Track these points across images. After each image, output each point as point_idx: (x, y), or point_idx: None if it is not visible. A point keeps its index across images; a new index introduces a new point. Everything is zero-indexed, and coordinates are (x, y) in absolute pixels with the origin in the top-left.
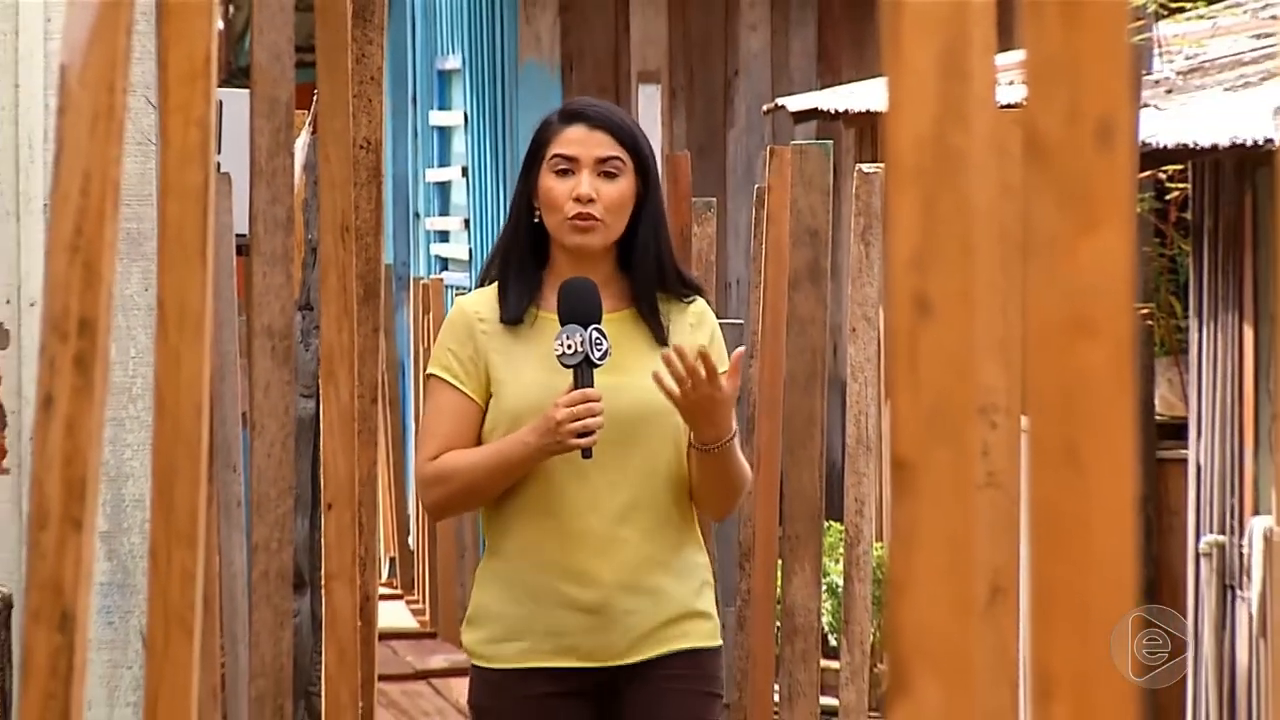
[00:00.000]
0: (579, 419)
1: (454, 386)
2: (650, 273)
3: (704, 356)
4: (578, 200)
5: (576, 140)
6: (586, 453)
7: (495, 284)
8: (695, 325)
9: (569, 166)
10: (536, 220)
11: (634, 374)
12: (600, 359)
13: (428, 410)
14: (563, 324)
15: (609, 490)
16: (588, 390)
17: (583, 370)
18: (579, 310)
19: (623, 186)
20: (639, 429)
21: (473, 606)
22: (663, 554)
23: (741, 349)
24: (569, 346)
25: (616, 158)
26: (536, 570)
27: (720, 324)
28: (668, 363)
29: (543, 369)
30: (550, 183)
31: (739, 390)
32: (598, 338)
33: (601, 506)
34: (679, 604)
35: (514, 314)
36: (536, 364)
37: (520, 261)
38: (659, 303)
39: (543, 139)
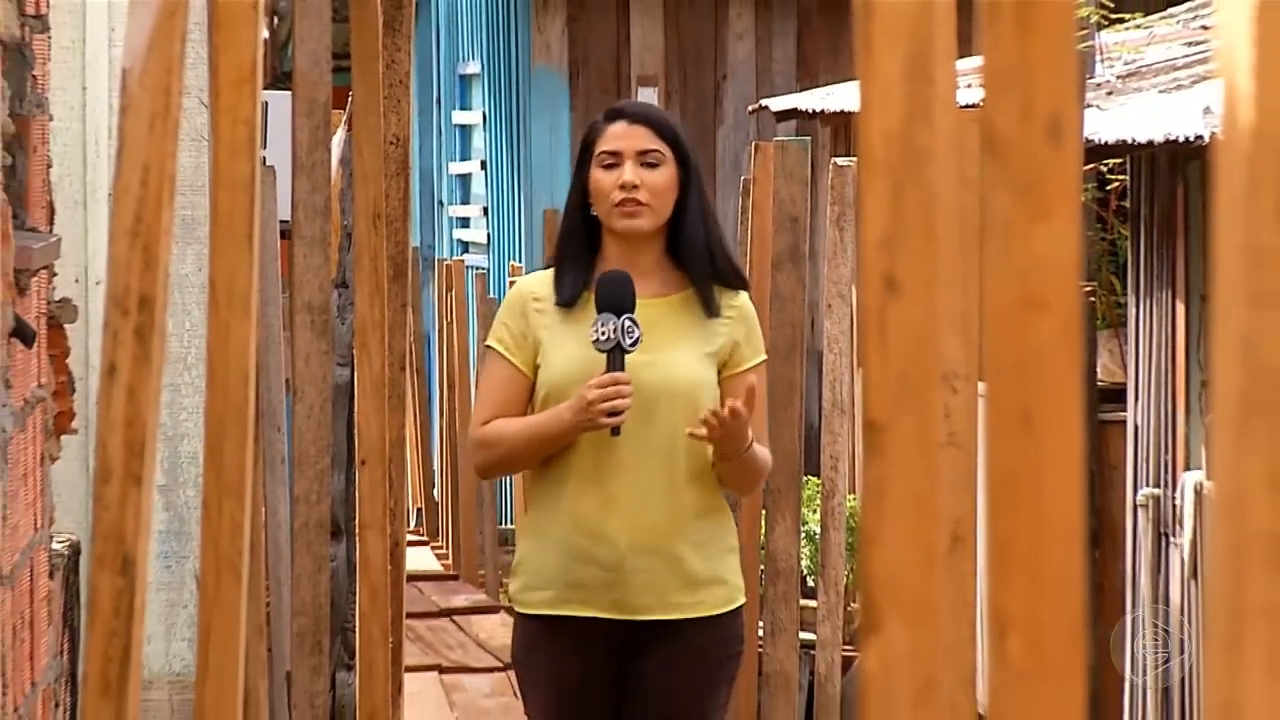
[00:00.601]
0: (609, 400)
1: (506, 358)
2: (702, 258)
3: (729, 411)
4: (623, 188)
5: (619, 135)
6: (615, 430)
7: (553, 265)
8: (734, 319)
9: (614, 160)
10: (591, 212)
11: (664, 353)
12: (631, 345)
13: (483, 378)
14: (599, 312)
15: (636, 459)
16: (618, 374)
17: (615, 355)
18: (614, 300)
19: (665, 175)
20: (668, 404)
21: (516, 557)
22: (683, 521)
23: (752, 379)
24: (603, 333)
25: (656, 150)
26: (566, 527)
27: None
28: (706, 424)
29: (585, 346)
30: (599, 175)
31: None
32: (630, 326)
33: (628, 473)
34: (696, 571)
35: (568, 297)
36: (580, 342)
37: (575, 250)
38: (712, 288)
39: (591, 139)
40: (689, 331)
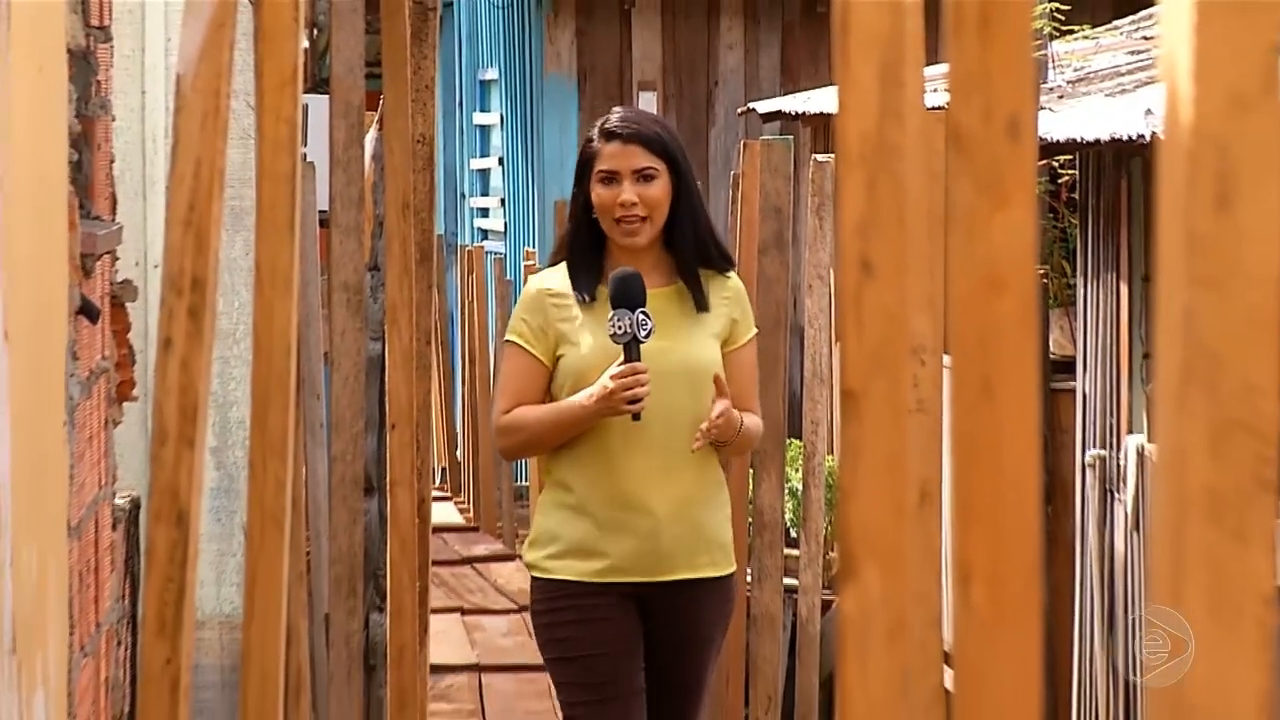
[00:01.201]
0: (629, 389)
1: (526, 350)
2: (690, 252)
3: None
4: (623, 205)
5: (615, 155)
6: (636, 416)
7: (564, 264)
8: (729, 300)
9: (612, 177)
10: (593, 216)
11: (678, 339)
12: (645, 337)
13: (503, 371)
14: (614, 308)
15: (662, 435)
16: (636, 364)
17: (631, 346)
18: (627, 297)
19: (659, 187)
20: (684, 384)
21: (536, 531)
22: (703, 490)
23: (718, 414)
24: (619, 327)
25: (650, 166)
26: (603, 502)
27: None
28: (705, 433)
29: (603, 338)
30: (600, 190)
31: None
32: (643, 319)
33: (659, 449)
34: (711, 536)
35: (586, 293)
36: (598, 334)
37: (584, 252)
38: (701, 277)
39: (589, 155)
40: (695, 316)
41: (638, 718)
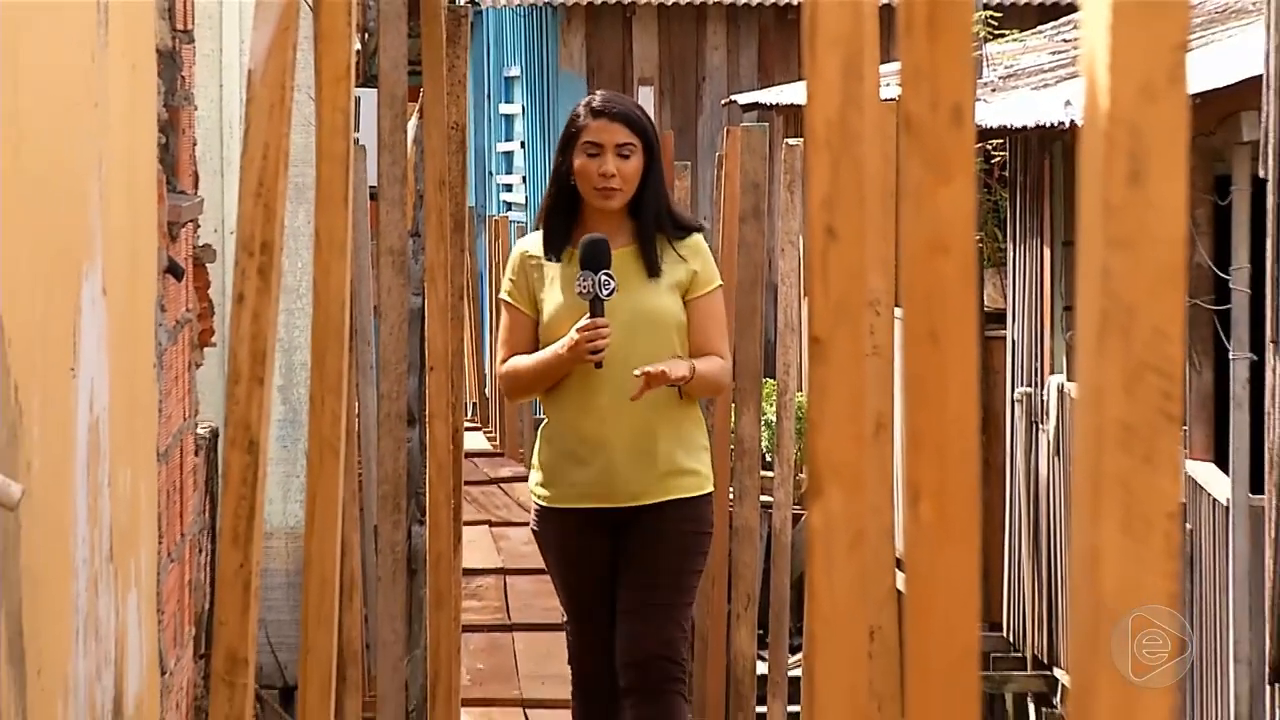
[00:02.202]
0: (591, 341)
1: (514, 306)
2: (649, 221)
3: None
4: (603, 176)
5: (601, 130)
6: (598, 364)
7: (541, 229)
8: (689, 255)
9: (596, 150)
10: (571, 184)
11: (634, 294)
12: (607, 295)
13: (500, 326)
14: (581, 269)
15: (619, 379)
16: (597, 320)
17: (595, 304)
18: (593, 260)
19: (635, 163)
20: (640, 332)
21: (534, 458)
22: (661, 425)
23: (651, 369)
24: (584, 287)
25: (630, 143)
26: (568, 437)
27: None
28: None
29: (570, 293)
30: (584, 161)
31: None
32: (605, 279)
33: (616, 393)
34: (672, 463)
35: (556, 253)
36: (566, 289)
37: (560, 216)
38: (658, 240)
39: (576, 127)
40: (646, 269)
41: (601, 627)
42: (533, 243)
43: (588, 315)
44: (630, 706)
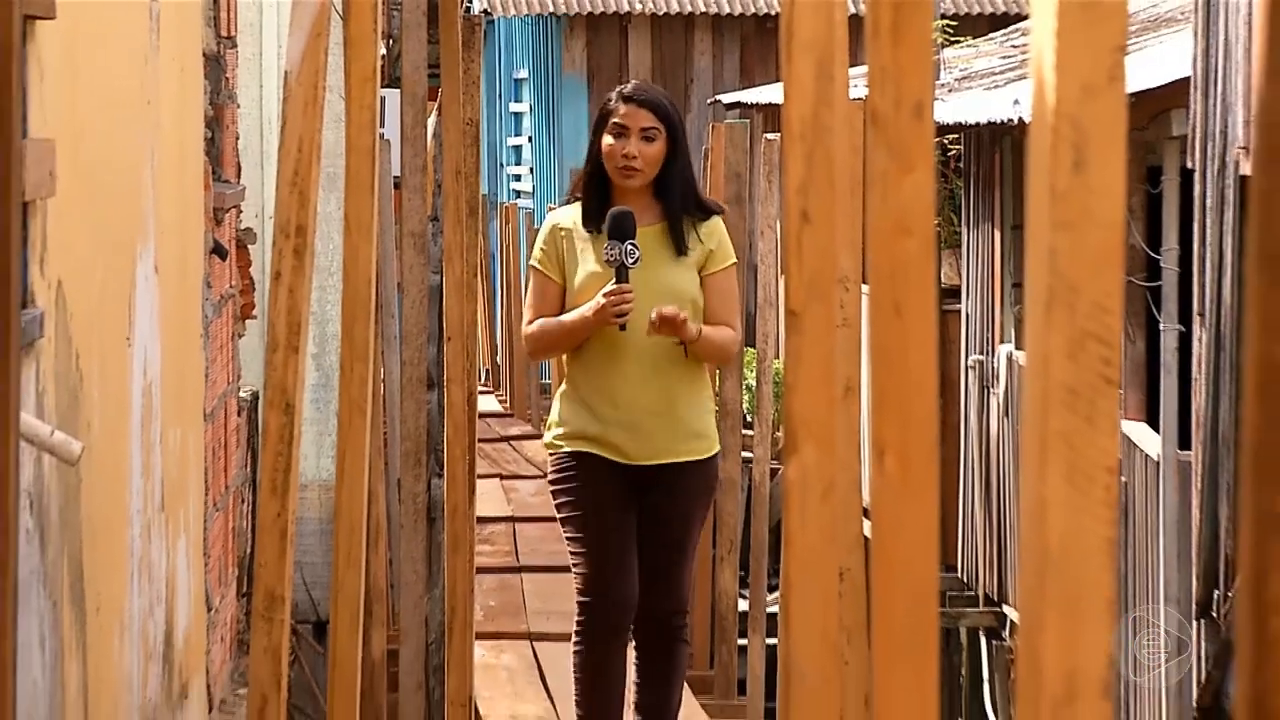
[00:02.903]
0: (616, 305)
1: (544, 273)
2: (676, 201)
3: (660, 315)
4: (626, 156)
5: (629, 114)
6: (622, 327)
7: (577, 203)
8: (705, 236)
9: (622, 132)
10: (603, 164)
11: (659, 269)
12: (632, 264)
13: (530, 290)
14: (609, 239)
15: (644, 346)
16: (623, 285)
17: (621, 271)
18: (620, 231)
19: (657, 147)
20: (663, 303)
21: (552, 417)
22: (680, 390)
23: (667, 309)
24: (612, 255)
25: (654, 128)
26: (597, 397)
27: None
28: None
29: (599, 263)
30: (610, 141)
31: (687, 318)
32: (631, 249)
33: (640, 357)
34: (689, 427)
35: (593, 224)
36: (595, 259)
37: (595, 193)
38: (684, 221)
39: (607, 111)
40: (674, 251)
41: (615, 566)
42: (563, 216)
43: (614, 281)
44: (641, 656)
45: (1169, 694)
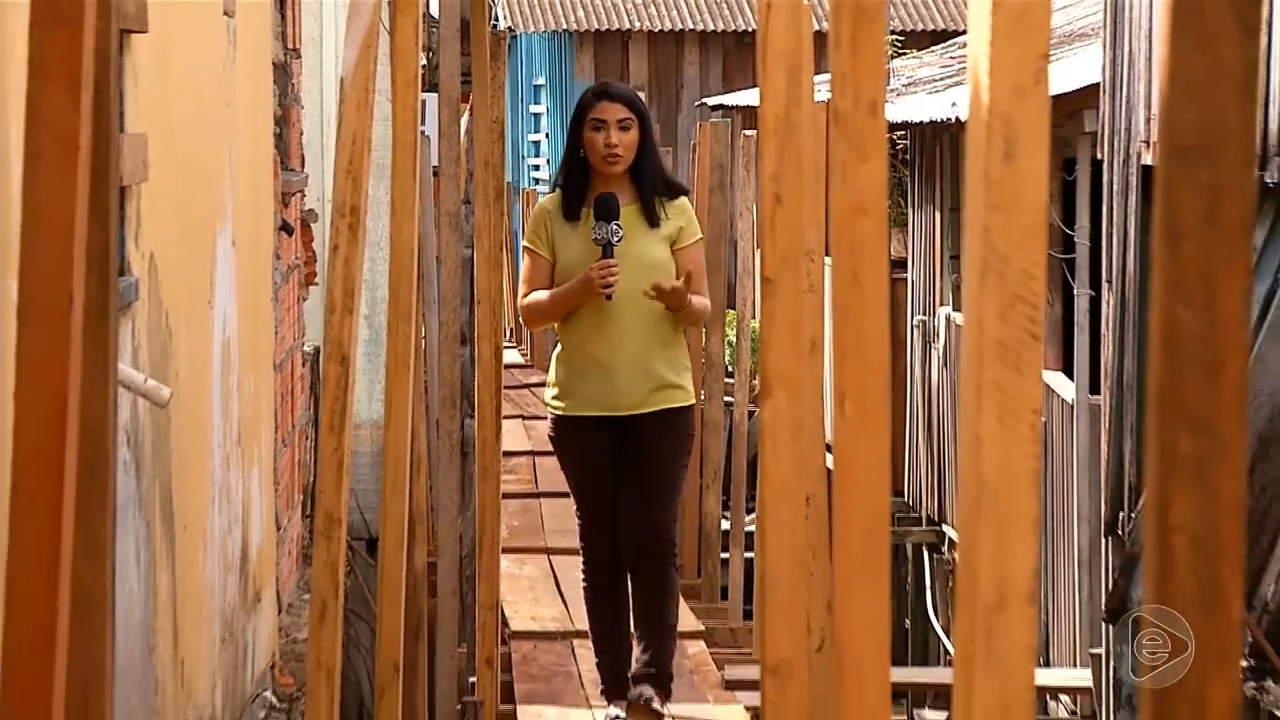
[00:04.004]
0: (604, 277)
1: (537, 252)
2: (648, 183)
3: (657, 287)
4: (608, 145)
5: (605, 109)
6: (609, 296)
7: (559, 191)
8: (675, 214)
9: (601, 125)
10: (582, 155)
11: (637, 243)
12: (617, 242)
13: (524, 267)
14: (596, 220)
15: (625, 312)
16: (608, 260)
17: (607, 248)
18: (606, 213)
19: (632, 135)
20: (642, 276)
21: (549, 377)
22: (657, 350)
23: (665, 284)
24: (599, 235)
25: (628, 118)
26: (584, 360)
27: None
28: (650, 292)
29: (583, 243)
30: (591, 134)
31: (683, 287)
32: (615, 228)
33: (620, 321)
34: (664, 380)
35: (572, 213)
36: (580, 240)
37: (573, 181)
38: (655, 200)
39: (585, 106)
40: (649, 227)
41: (606, 512)
42: (551, 202)
43: (601, 257)
44: (635, 579)
45: (1082, 600)
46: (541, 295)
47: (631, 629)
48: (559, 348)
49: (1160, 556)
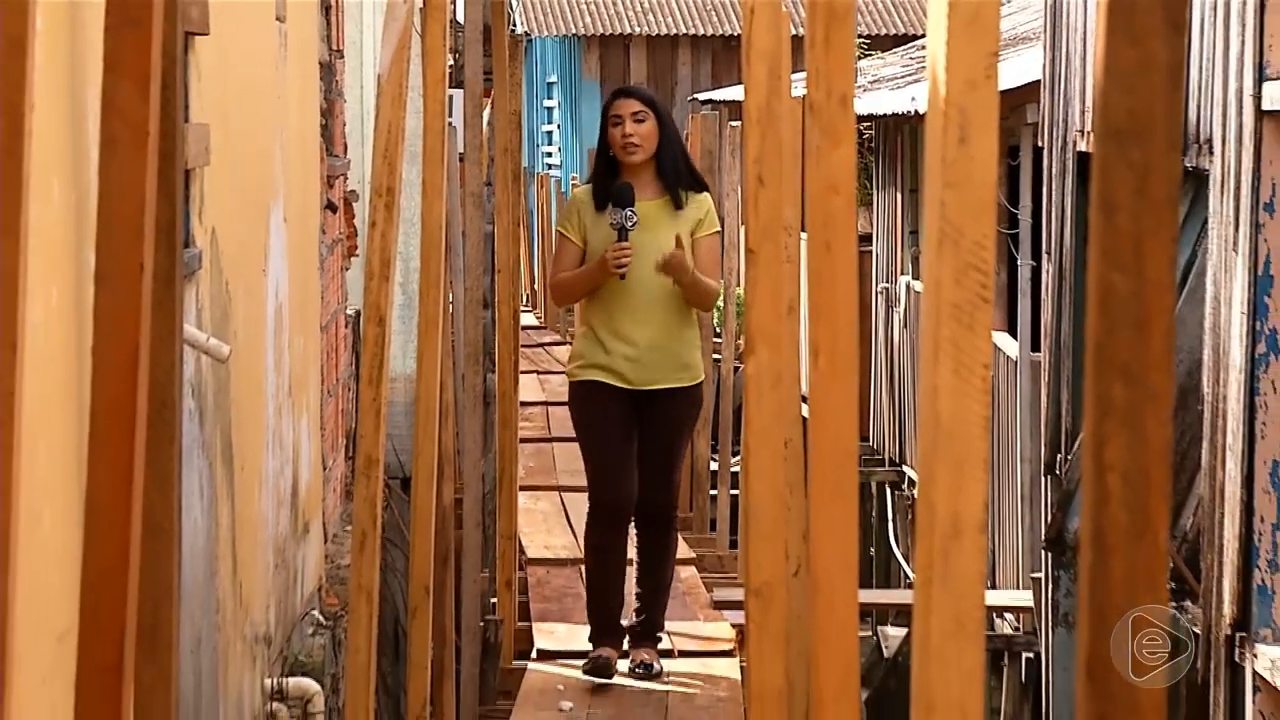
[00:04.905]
0: (616, 259)
1: (568, 237)
2: (670, 174)
3: (665, 257)
4: (624, 136)
5: (621, 106)
6: (622, 277)
7: (590, 183)
8: (696, 207)
9: (619, 120)
10: (610, 154)
11: (658, 233)
12: (631, 227)
13: (556, 250)
14: (614, 208)
15: (643, 293)
16: (622, 244)
17: (622, 232)
18: (621, 200)
19: (648, 126)
20: (657, 259)
21: (571, 351)
22: (672, 329)
23: (675, 253)
24: (614, 220)
25: (641, 111)
26: (608, 334)
27: None
28: (660, 262)
29: (607, 229)
30: (612, 129)
31: (686, 260)
32: (630, 214)
33: (640, 302)
34: (680, 358)
35: (601, 204)
36: (605, 226)
37: (603, 175)
38: (679, 190)
39: (606, 107)
40: (672, 216)
41: (618, 473)
42: (584, 193)
43: (617, 240)
44: (640, 541)
45: (1024, 531)
46: (567, 275)
47: (634, 582)
48: (583, 325)
49: (1096, 492)
